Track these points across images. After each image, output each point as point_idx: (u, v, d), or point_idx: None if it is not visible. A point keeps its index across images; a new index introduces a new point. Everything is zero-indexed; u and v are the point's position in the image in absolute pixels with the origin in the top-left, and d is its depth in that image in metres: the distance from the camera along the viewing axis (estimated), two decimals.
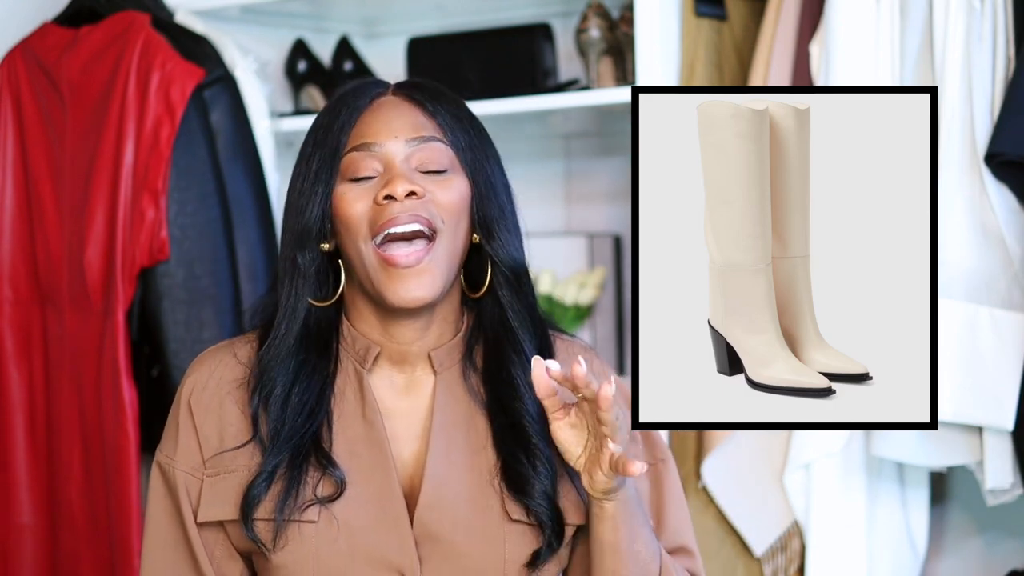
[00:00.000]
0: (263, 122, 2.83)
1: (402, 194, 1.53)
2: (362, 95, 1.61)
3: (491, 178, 1.60)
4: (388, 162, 1.56)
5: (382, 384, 1.60)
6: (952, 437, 2.41)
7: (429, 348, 1.59)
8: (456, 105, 1.62)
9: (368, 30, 3.30)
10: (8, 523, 2.81)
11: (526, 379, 1.58)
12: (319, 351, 1.59)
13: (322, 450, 1.55)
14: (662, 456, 1.68)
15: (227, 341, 1.65)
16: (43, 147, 2.78)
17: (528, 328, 1.61)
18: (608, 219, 3.07)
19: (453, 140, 1.58)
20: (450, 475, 1.56)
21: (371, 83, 1.63)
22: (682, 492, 1.69)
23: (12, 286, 2.80)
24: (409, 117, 1.58)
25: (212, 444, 1.58)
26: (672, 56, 2.59)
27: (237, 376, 1.60)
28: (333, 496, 1.54)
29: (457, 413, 1.59)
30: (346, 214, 1.55)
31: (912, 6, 2.40)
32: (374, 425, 1.57)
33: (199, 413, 1.59)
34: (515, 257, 1.60)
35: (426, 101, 1.60)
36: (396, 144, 1.56)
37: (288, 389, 1.56)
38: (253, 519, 1.53)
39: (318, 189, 1.57)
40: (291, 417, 1.55)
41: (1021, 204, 2.36)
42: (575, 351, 1.66)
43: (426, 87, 1.62)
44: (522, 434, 1.57)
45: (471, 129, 1.61)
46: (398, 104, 1.60)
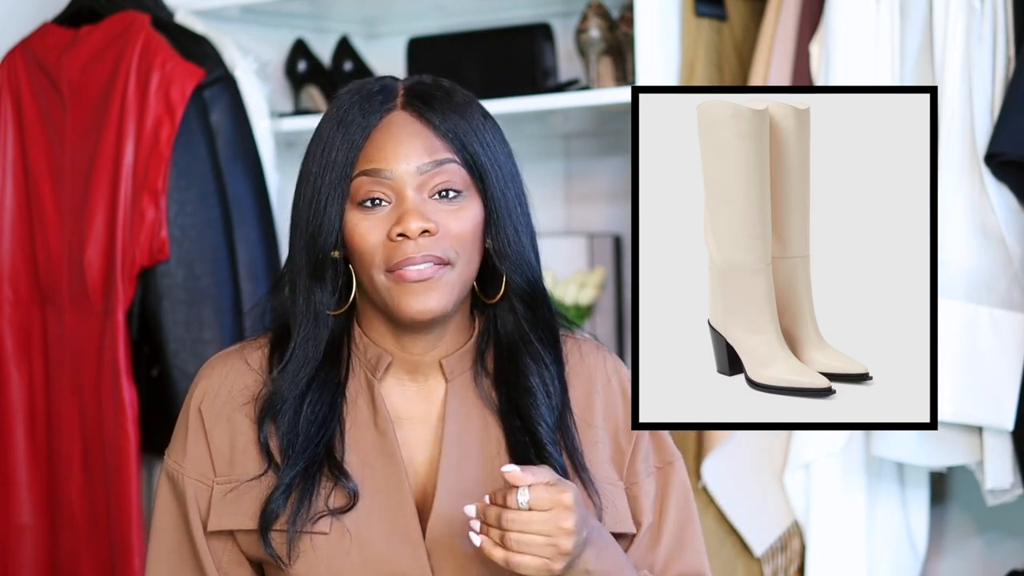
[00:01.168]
0: (263, 122, 2.83)
1: (416, 232, 1.50)
2: (370, 110, 1.55)
3: (505, 194, 1.56)
4: (399, 191, 1.52)
5: (394, 392, 1.59)
6: (952, 437, 2.41)
7: (441, 356, 1.58)
8: (468, 111, 1.57)
9: (368, 30, 3.30)
10: (8, 523, 2.81)
11: (543, 387, 1.57)
12: (331, 360, 1.58)
13: (335, 460, 1.54)
14: (669, 459, 1.66)
15: (238, 345, 1.63)
16: (43, 147, 2.78)
17: (545, 336, 1.60)
18: (608, 219, 3.07)
19: (465, 159, 1.54)
20: (463, 485, 1.55)
21: (378, 91, 1.57)
22: (689, 494, 1.66)
23: (12, 286, 2.80)
24: (420, 139, 1.54)
25: (223, 453, 1.57)
26: (672, 56, 2.59)
27: (248, 383, 1.59)
28: (345, 508, 1.53)
29: (469, 420, 1.58)
30: (360, 246, 1.53)
31: (912, 6, 2.40)
32: (386, 435, 1.56)
33: (210, 420, 1.58)
34: (529, 275, 1.58)
35: (436, 118, 1.54)
36: (407, 171, 1.52)
37: (300, 400, 1.55)
38: (270, 533, 1.53)
39: (330, 209, 1.53)
40: (304, 427, 1.54)
41: (1021, 204, 2.36)
42: (589, 348, 1.65)
43: (436, 97, 1.56)
44: (536, 441, 1.56)
45: (485, 137, 1.57)
46: (408, 123, 1.54)
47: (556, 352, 1.60)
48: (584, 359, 1.63)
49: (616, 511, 1.59)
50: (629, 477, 1.62)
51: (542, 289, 1.59)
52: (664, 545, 1.63)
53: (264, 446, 1.55)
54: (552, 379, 1.59)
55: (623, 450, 1.62)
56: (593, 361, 1.64)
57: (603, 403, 1.62)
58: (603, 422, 1.61)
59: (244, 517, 1.55)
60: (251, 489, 1.55)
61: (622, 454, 1.62)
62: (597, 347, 1.67)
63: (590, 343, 1.67)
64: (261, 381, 1.59)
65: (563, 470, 1.56)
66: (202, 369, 1.62)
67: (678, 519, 1.65)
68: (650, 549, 1.63)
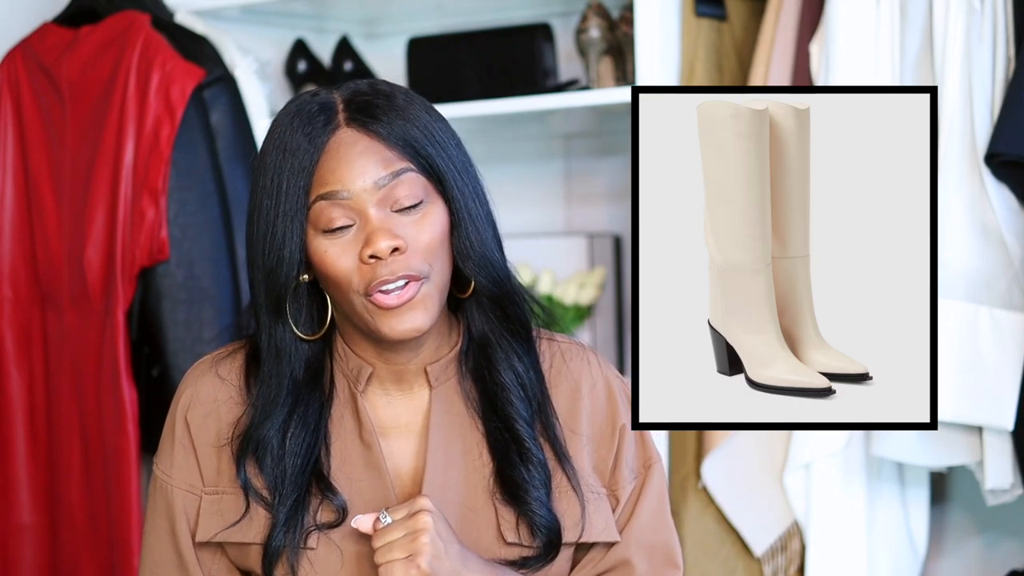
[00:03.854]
0: (263, 122, 2.83)
1: (386, 251, 1.47)
2: (314, 133, 1.50)
3: (464, 192, 1.53)
4: (361, 211, 1.49)
5: (379, 402, 1.58)
6: (952, 437, 2.41)
7: (426, 363, 1.57)
8: (411, 112, 1.52)
9: (368, 30, 3.30)
10: (8, 523, 2.81)
11: (517, 379, 1.57)
12: (311, 381, 1.56)
13: (323, 478, 1.54)
14: (648, 462, 1.64)
15: (212, 355, 1.62)
16: (43, 147, 2.78)
17: (517, 330, 1.58)
18: (608, 219, 3.07)
19: (421, 165, 1.51)
20: (447, 496, 1.55)
21: (317, 111, 1.51)
22: (664, 497, 1.65)
23: (12, 286, 2.80)
24: (371, 154, 1.49)
25: (210, 461, 1.57)
26: (672, 56, 2.59)
27: (221, 396, 1.58)
28: (334, 523, 1.53)
29: (453, 428, 1.58)
30: (333, 272, 1.50)
31: (912, 6, 2.40)
32: (371, 447, 1.56)
33: (196, 429, 1.57)
34: (494, 273, 1.55)
35: (383, 129, 1.50)
36: (365, 187, 1.49)
37: (282, 435, 1.54)
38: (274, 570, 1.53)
39: (289, 242, 1.50)
40: (290, 461, 1.53)
41: (1021, 204, 2.36)
42: (573, 353, 1.64)
43: (378, 106, 1.51)
44: (515, 437, 1.56)
45: (435, 136, 1.53)
46: (356, 140, 1.50)
47: (529, 343, 1.59)
48: (568, 363, 1.62)
49: (599, 520, 1.58)
50: (612, 483, 1.61)
51: (509, 285, 1.57)
52: (634, 537, 1.61)
53: (245, 487, 1.54)
54: (527, 370, 1.58)
55: (605, 457, 1.61)
56: (578, 365, 1.62)
57: (588, 408, 1.61)
58: (587, 429, 1.60)
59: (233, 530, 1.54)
60: (237, 497, 1.55)
61: (604, 462, 1.61)
62: (582, 350, 1.65)
63: (574, 346, 1.65)
64: (237, 393, 1.57)
65: (543, 464, 1.55)
66: (186, 376, 1.61)
67: (651, 515, 1.63)
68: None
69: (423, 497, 1.49)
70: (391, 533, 1.48)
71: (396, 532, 1.48)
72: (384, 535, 1.48)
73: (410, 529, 1.47)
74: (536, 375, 1.59)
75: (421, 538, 1.46)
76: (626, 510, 1.61)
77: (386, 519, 1.49)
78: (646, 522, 1.62)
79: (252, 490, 1.54)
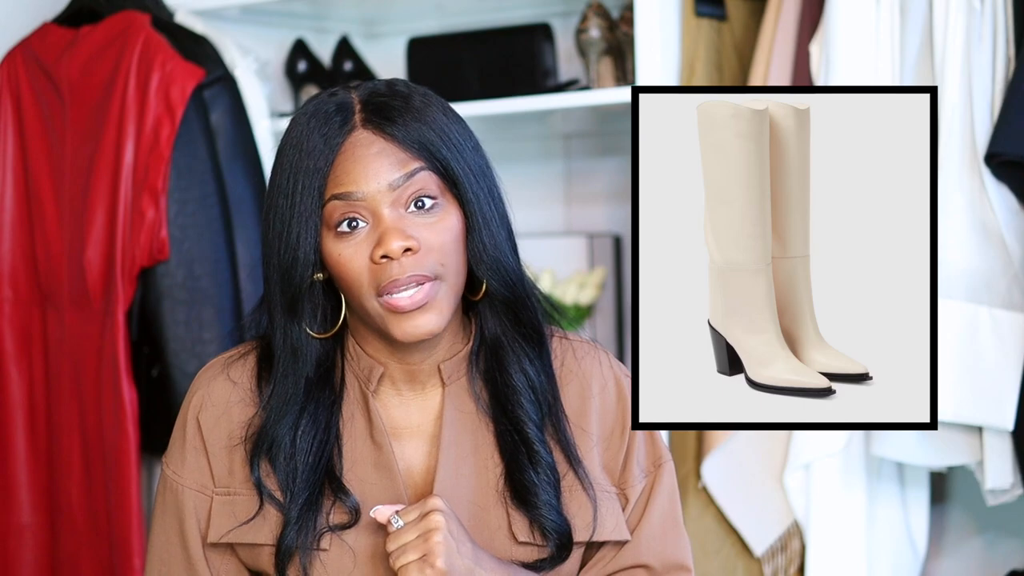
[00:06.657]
0: (263, 122, 2.83)
1: (398, 251, 1.48)
2: (330, 134, 1.50)
3: (479, 195, 1.53)
4: (375, 211, 1.49)
5: (390, 403, 1.58)
6: (952, 437, 2.41)
7: (439, 361, 1.57)
8: (429, 114, 1.52)
9: (368, 30, 3.30)
10: (8, 523, 2.81)
11: (528, 382, 1.57)
12: (323, 381, 1.56)
13: (335, 479, 1.54)
14: (658, 461, 1.65)
15: (223, 356, 1.62)
16: (43, 147, 2.78)
17: (529, 333, 1.58)
18: (608, 219, 3.07)
19: (436, 167, 1.51)
20: (458, 495, 1.55)
21: (334, 111, 1.52)
22: (676, 497, 1.65)
23: (12, 286, 2.80)
24: (386, 156, 1.49)
25: (222, 462, 1.57)
26: (672, 56, 2.59)
27: (233, 398, 1.58)
28: (347, 524, 1.53)
29: (464, 427, 1.58)
30: (345, 273, 1.50)
31: (912, 6, 2.40)
32: (383, 448, 1.56)
33: (208, 430, 1.58)
34: (507, 277, 1.55)
35: (399, 131, 1.50)
36: (379, 189, 1.49)
37: (293, 433, 1.54)
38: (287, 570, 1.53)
39: (304, 242, 1.51)
40: (301, 459, 1.54)
41: (1021, 204, 2.36)
42: (584, 352, 1.64)
43: (394, 108, 1.51)
44: (524, 440, 1.56)
45: (451, 138, 1.53)
46: (371, 142, 1.50)
47: (541, 346, 1.59)
48: (580, 362, 1.62)
49: (610, 518, 1.59)
50: (622, 482, 1.61)
51: (522, 289, 1.57)
52: (645, 537, 1.61)
53: (258, 485, 1.54)
54: (538, 374, 1.58)
55: (615, 456, 1.61)
56: (589, 364, 1.62)
57: (599, 408, 1.61)
58: (597, 428, 1.60)
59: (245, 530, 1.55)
60: (249, 499, 1.55)
61: (615, 460, 1.61)
62: (594, 349, 1.65)
63: (586, 345, 1.65)
64: (249, 395, 1.58)
65: (551, 467, 1.55)
66: (198, 377, 1.61)
67: (662, 516, 1.63)
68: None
69: (435, 497, 1.49)
70: (404, 535, 1.48)
71: (409, 534, 1.48)
72: (397, 538, 1.48)
73: (423, 530, 1.47)
74: (547, 378, 1.59)
75: (434, 537, 1.47)
76: (637, 509, 1.62)
77: (398, 523, 1.49)
78: (658, 523, 1.62)
79: (265, 490, 1.54)
